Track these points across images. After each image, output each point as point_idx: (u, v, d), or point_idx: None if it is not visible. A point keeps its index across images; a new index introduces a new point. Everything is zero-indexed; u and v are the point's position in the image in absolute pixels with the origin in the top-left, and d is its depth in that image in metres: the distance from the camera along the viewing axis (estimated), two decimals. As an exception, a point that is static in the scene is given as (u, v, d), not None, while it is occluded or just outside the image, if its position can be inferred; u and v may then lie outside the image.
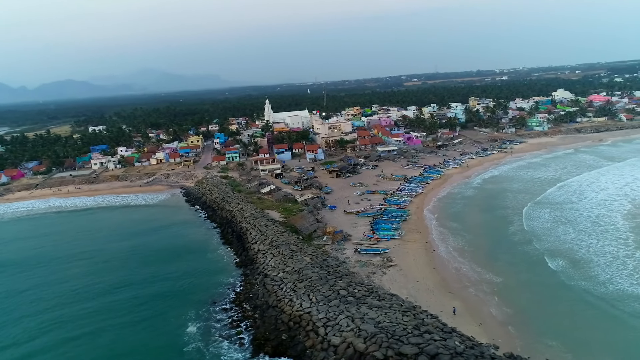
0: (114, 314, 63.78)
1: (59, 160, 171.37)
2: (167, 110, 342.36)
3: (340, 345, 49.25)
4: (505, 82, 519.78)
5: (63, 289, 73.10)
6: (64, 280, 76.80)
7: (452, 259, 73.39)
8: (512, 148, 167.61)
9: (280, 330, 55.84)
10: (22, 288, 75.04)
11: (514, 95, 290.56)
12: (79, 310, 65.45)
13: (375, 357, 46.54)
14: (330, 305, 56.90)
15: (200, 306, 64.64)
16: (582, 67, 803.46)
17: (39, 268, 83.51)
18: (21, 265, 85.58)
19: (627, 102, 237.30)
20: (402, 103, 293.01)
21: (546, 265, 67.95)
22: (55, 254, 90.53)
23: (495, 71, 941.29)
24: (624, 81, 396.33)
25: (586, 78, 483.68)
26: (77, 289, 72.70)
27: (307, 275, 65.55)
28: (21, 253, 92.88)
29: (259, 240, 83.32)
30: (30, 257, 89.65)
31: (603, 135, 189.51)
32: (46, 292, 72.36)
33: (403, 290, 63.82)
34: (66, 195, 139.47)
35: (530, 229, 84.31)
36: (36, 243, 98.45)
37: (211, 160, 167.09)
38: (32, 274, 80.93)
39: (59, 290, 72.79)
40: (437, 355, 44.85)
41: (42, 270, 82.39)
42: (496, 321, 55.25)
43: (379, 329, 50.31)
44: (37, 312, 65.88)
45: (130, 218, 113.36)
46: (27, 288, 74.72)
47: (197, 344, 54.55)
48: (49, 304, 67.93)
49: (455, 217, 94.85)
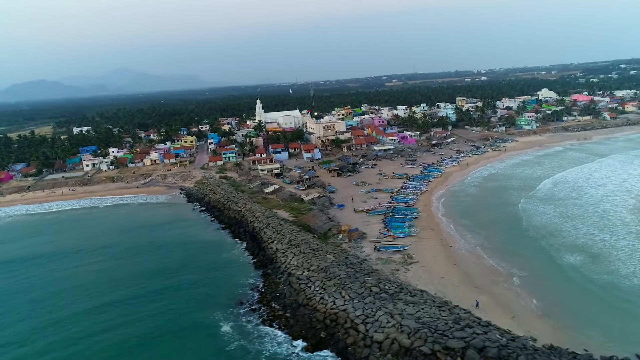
0: (136, 316, 62.58)
1: (48, 162, 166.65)
2: (151, 111, 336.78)
3: (385, 342, 49.52)
4: (486, 82, 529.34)
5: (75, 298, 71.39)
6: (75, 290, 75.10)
7: (472, 255, 74.54)
8: (505, 146, 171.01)
9: (317, 328, 55.74)
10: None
11: (499, 95, 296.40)
12: (99, 314, 64.10)
13: (422, 352, 47.02)
14: (366, 302, 57.15)
15: (226, 307, 63.95)
16: (556, 68, 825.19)
17: (51, 263, 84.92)
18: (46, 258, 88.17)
19: (609, 102, 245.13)
20: (390, 103, 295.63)
21: (566, 260, 69.59)
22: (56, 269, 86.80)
23: (473, 72, 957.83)
24: (600, 81, 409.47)
25: (563, 78, 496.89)
26: (92, 294, 71.14)
27: (335, 273, 65.60)
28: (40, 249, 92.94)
29: (276, 240, 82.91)
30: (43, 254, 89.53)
31: (589, 133, 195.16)
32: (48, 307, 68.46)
33: (430, 286, 64.48)
34: (61, 197, 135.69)
35: (541, 225, 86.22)
36: (46, 240, 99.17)
37: (207, 160, 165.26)
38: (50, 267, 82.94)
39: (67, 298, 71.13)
40: (485, 349, 45.57)
41: (52, 267, 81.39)
42: (529, 314, 56.36)
43: (420, 324, 50.80)
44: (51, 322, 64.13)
45: (134, 220, 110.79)
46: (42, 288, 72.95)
47: (239, 342, 54.25)
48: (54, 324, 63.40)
49: (464, 214, 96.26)
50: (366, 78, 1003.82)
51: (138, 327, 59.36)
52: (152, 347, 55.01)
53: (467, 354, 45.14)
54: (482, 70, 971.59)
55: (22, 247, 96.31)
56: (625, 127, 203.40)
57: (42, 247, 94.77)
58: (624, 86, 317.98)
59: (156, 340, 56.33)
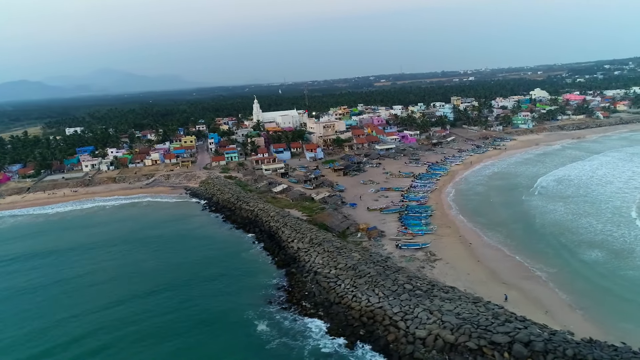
0: (165, 319, 61.58)
1: (45, 163, 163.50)
2: (144, 111, 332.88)
3: (428, 338, 49.79)
4: (475, 83, 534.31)
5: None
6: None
7: (495, 252, 75.33)
8: (505, 145, 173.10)
9: (354, 326, 55.75)
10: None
11: (492, 94, 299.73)
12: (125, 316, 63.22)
13: (468, 348, 47.40)
14: (401, 299, 57.36)
15: (256, 307, 63.44)
16: (542, 68, 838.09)
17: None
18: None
19: (600, 101, 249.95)
20: (385, 102, 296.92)
21: (589, 256, 70.67)
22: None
23: (459, 72, 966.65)
24: (586, 81, 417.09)
25: (551, 78, 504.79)
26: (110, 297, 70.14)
27: (364, 271, 65.70)
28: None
29: (296, 239, 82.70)
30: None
31: (585, 132, 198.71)
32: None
33: (458, 283, 64.94)
34: (63, 199, 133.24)
35: (556, 222, 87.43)
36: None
37: (210, 160, 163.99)
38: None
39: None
40: (531, 343, 46.08)
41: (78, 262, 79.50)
42: (561, 309, 57.09)
43: (461, 320, 51.18)
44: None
45: (144, 221, 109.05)
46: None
47: (279, 339, 54.21)
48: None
49: (477, 212, 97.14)
50: (354, 78, 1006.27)
51: (171, 331, 58.45)
52: (193, 350, 54.29)
53: (514, 349, 45.64)
54: (469, 71, 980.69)
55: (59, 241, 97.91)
56: (619, 126, 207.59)
57: (67, 242, 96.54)
58: (611, 86, 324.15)
59: (195, 344, 55.41)
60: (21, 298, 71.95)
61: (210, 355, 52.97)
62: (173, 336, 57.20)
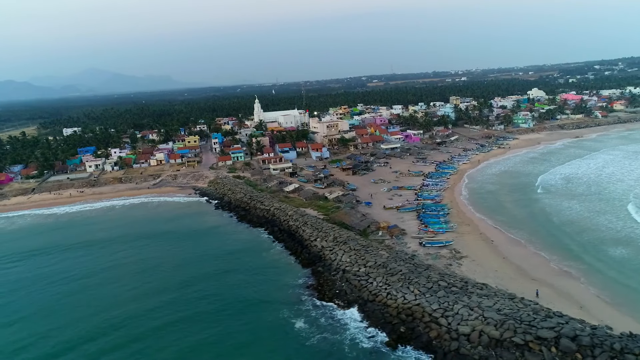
0: (202, 322, 60.78)
1: (48, 164, 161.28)
2: (140, 111, 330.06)
3: (472, 334, 49.99)
4: (468, 83, 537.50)
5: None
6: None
7: (519, 249, 75.98)
8: (509, 144, 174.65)
9: (393, 323, 55.75)
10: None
11: (489, 94, 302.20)
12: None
13: (514, 343, 47.67)
14: (438, 296, 57.59)
15: (290, 305, 63.31)
16: (532, 69, 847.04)
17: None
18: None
19: (597, 100, 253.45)
20: (384, 102, 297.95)
21: (616, 253, 71.58)
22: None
23: (450, 72, 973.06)
24: (577, 82, 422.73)
25: (543, 79, 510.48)
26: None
27: (395, 269, 65.84)
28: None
29: (319, 237, 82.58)
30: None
31: (584, 131, 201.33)
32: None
33: (488, 279, 65.30)
34: (70, 199, 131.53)
35: (574, 220, 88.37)
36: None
37: (216, 160, 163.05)
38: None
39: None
40: (577, 337, 46.54)
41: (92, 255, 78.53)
42: (595, 304, 57.72)
43: (504, 316, 51.51)
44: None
45: (157, 220, 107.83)
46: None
47: (320, 335, 54.48)
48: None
49: (493, 210, 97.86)
50: (347, 78, 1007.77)
51: (208, 334, 57.91)
52: (238, 350, 54.02)
53: (562, 343, 46.03)
54: (460, 71, 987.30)
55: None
56: (617, 125, 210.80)
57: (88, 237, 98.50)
58: (605, 86, 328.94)
59: (237, 344, 54.99)
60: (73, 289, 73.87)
61: (255, 354, 52.60)
62: (213, 339, 56.60)
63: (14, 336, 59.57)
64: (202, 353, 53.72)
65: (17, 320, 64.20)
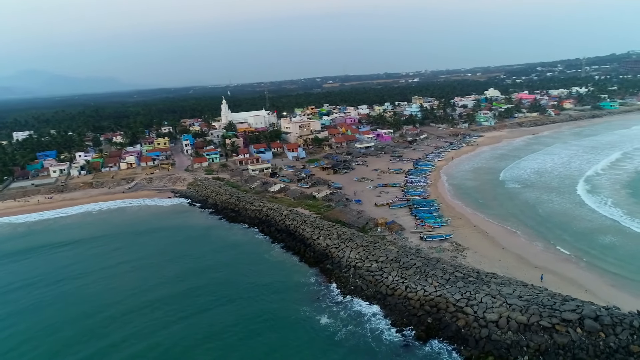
0: (220, 323, 59.76)
1: (6, 170, 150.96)
2: (95, 114, 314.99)
3: (500, 320, 52.08)
4: (421, 84, 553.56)
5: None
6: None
7: (515, 239, 79.89)
8: (477, 142, 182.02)
9: (419, 315, 57.02)
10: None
11: (447, 94, 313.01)
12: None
13: (541, 326, 50.15)
14: (458, 286, 59.50)
15: (309, 303, 63.31)
16: (478, 70, 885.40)
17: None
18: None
19: (549, 100, 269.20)
20: (349, 102, 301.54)
21: (607, 240, 76.82)
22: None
23: (401, 74, 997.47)
24: (523, 82, 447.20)
25: (492, 80, 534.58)
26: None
27: (409, 263, 67.30)
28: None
29: (322, 235, 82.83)
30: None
31: (540, 128, 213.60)
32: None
33: (495, 269, 68.04)
34: (39, 207, 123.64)
35: (559, 211, 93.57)
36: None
37: (191, 162, 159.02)
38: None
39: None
40: (599, 318, 49.71)
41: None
42: (600, 287, 61.62)
43: (526, 302, 54.06)
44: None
45: (143, 225, 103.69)
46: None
47: (347, 329, 55.12)
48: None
49: (480, 203, 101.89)
50: (301, 80, 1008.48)
51: (236, 336, 56.81)
52: (269, 351, 53.42)
53: (586, 324, 48.97)
54: (410, 72, 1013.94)
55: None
56: (570, 122, 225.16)
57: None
58: (550, 86, 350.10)
59: (264, 347, 54.29)
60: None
61: (287, 355, 52.17)
62: (241, 339, 55.65)
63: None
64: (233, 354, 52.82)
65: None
